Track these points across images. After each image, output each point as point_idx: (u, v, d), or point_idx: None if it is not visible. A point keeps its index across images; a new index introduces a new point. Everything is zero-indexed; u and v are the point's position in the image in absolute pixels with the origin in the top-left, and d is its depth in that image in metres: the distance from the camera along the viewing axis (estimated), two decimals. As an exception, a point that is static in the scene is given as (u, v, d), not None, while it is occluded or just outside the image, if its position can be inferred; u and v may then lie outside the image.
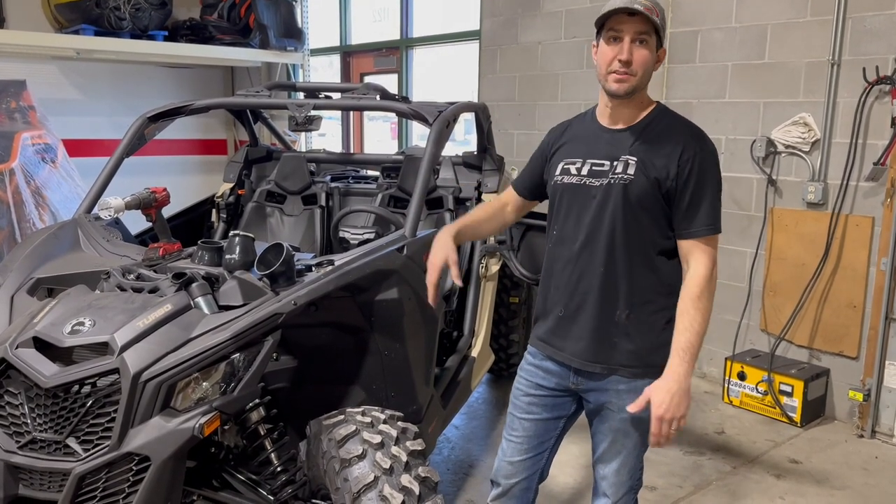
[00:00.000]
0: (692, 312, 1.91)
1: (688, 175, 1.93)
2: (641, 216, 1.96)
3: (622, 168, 1.97)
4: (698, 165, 1.93)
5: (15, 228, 5.17)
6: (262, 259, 2.22)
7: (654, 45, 1.94)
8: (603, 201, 1.98)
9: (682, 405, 1.88)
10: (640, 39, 1.91)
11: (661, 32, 1.94)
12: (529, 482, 2.22)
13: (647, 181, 1.94)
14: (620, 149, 2.00)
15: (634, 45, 1.91)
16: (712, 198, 1.96)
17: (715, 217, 1.96)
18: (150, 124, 3.37)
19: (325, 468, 2.09)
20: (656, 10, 1.91)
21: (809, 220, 4.21)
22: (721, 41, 4.52)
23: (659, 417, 1.86)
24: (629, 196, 1.95)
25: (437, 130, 3.05)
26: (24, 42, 6.20)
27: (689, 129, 2.00)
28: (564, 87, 5.40)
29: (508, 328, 4.30)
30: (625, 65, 1.91)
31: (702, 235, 1.95)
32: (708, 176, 1.95)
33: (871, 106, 3.92)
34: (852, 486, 3.45)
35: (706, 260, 1.95)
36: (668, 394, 1.86)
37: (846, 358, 4.13)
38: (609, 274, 2.00)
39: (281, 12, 7.33)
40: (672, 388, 1.87)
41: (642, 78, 1.94)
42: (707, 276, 1.94)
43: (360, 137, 7.76)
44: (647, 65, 1.93)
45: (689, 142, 1.95)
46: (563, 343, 2.09)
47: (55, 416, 1.98)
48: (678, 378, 1.87)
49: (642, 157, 1.96)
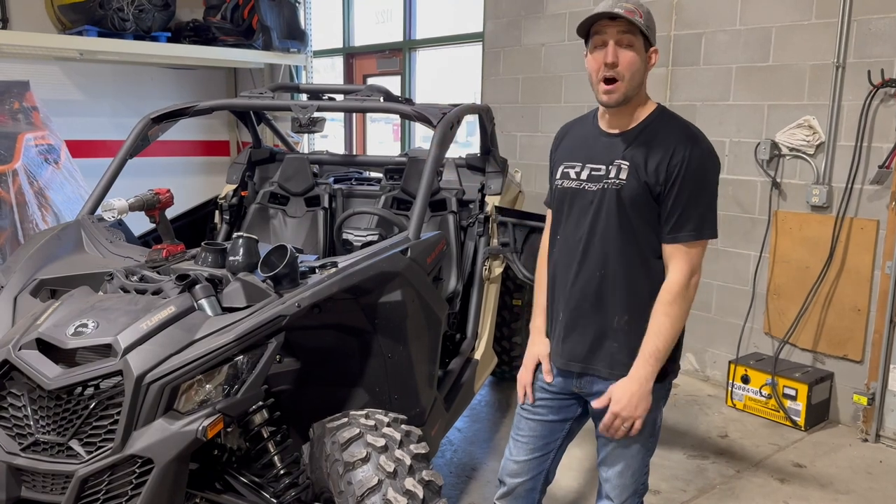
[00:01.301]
0: (661, 318, 1.94)
1: (675, 178, 1.90)
2: (635, 220, 1.95)
3: (615, 173, 1.96)
4: (687, 168, 1.90)
5: (18, 229, 5.17)
6: (266, 261, 2.22)
7: (642, 46, 1.92)
8: (598, 206, 1.98)
9: (640, 407, 1.95)
10: (625, 42, 1.90)
11: (649, 34, 1.92)
12: (535, 482, 2.22)
13: (638, 185, 1.93)
14: (615, 153, 1.99)
15: (619, 48, 1.90)
16: (700, 202, 1.92)
17: (700, 223, 1.92)
18: (154, 125, 3.37)
19: (328, 471, 2.08)
20: (639, 12, 1.89)
21: (814, 224, 4.19)
22: (725, 43, 4.51)
23: (614, 413, 1.96)
24: (622, 200, 1.95)
25: (441, 132, 3.05)
26: (28, 43, 6.21)
27: (684, 130, 1.96)
28: (568, 89, 5.39)
29: (511, 330, 4.30)
30: (610, 67, 1.89)
31: (683, 241, 1.93)
32: (697, 179, 1.91)
33: (876, 109, 3.91)
34: (856, 491, 3.44)
35: (684, 266, 1.94)
36: (628, 393, 1.94)
37: (850, 361, 4.11)
38: (606, 278, 2.00)
39: (284, 14, 7.34)
40: (633, 388, 1.94)
41: (630, 82, 1.92)
42: (682, 284, 1.93)
43: (363, 139, 7.76)
44: (633, 67, 1.91)
45: (680, 144, 1.92)
46: (565, 348, 2.09)
47: (58, 418, 1.97)
48: (640, 380, 1.94)
49: (635, 161, 1.95)
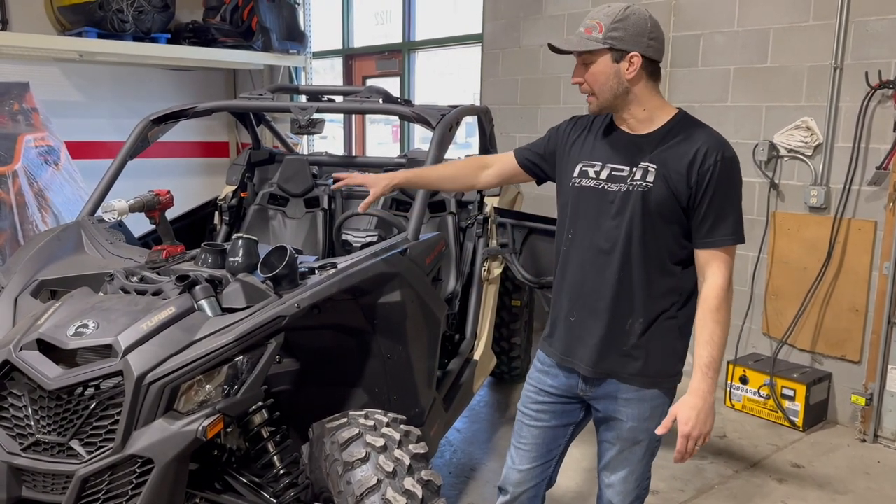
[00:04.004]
0: (711, 326, 1.90)
1: (708, 183, 1.87)
2: (659, 224, 1.92)
3: (641, 175, 1.93)
4: (720, 173, 1.87)
5: (18, 230, 5.17)
6: (266, 262, 2.23)
7: (609, 58, 1.90)
8: (621, 207, 1.94)
9: (708, 422, 1.89)
10: (586, 61, 1.94)
11: (617, 44, 1.88)
12: (538, 489, 2.21)
13: (666, 189, 1.90)
14: (640, 155, 1.95)
15: (582, 65, 1.95)
16: (733, 207, 1.91)
17: (736, 227, 1.92)
18: (154, 127, 3.38)
19: (327, 471, 2.09)
20: (600, 25, 1.89)
21: (812, 224, 4.20)
22: (723, 45, 4.52)
23: (685, 435, 1.87)
24: (648, 204, 1.91)
25: (440, 134, 3.06)
26: (28, 44, 6.21)
27: (711, 136, 1.93)
28: (567, 91, 5.39)
29: (510, 331, 4.31)
30: (579, 86, 1.98)
31: (721, 245, 1.91)
32: (729, 184, 1.90)
33: (874, 110, 3.92)
34: (855, 491, 3.44)
35: (724, 270, 1.92)
36: (694, 410, 1.87)
37: (848, 362, 4.12)
38: (623, 281, 1.96)
39: (283, 15, 7.34)
40: (698, 404, 1.88)
41: (602, 93, 1.94)
42: (725, 287, 1.91)
43: (362, 140, 7.76)
44: (600, 79, 1.92)
45: (710, 149, 1.88)
46: (573, 349, 2.06)
47: (58, 418, 1.98)
48: (703, 395, 1.88)
49: (663, 164, 1.91)
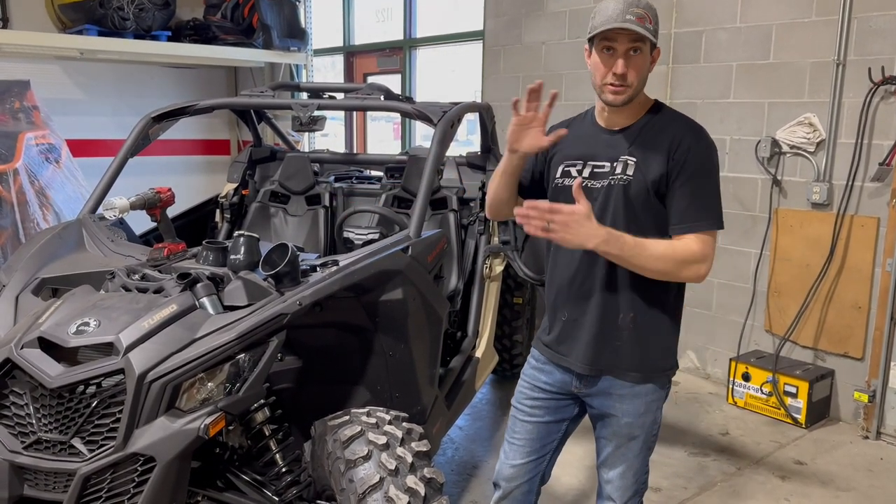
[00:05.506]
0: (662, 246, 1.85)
1: (681, 170, 1.89)
2: (642, 216, 1.94)
3: (621, 169, 1.95)
4: (692, 160, 1.89)
5: (19, 228, 5.18)
6: (267, 259, 2.22)
7: (648, 50, 1.91)
8: (604, 203, 1.96)
9: (576, 240, 1.79)
10: (634, 48, 1.88)
11: (655, 36, 1.91)
12: (531, 485, 2.21)
13: (645, 180, 1.92)
14: (620, 150, 1.97)
15: (629, 55, 1.88)
16: (707, 192, 1.91)
17: (711, 212, 1.90)
18: (155, 124, 3.37)
19: (330, 469, 2.09)
20: (648, 17, 1.87)
21: (814, 221, 4.20)
22: (726, 41, 4.51)
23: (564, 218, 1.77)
24: (629, 196, 1.93)
25: (442, 131, 3.05)
26: (28, 42, 6.21)
27: (685, 124, 1.97)
28: (568, 88, 5.39)
29: (512, 329, 4.30)
30: (620, 78, 1.89)
31: (696, 231, 1.89)
32: (703, 170, 1.91)
33: (877, 106, 3.91)
34: (857, 488, 3.44)
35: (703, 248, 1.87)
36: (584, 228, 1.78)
37: (851, 359, 4.11)
38: (611, 276, 1.97)
39: (284, 12, 7.34)
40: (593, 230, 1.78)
41: (638, 85, 1.92)
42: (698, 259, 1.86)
43: (364, 137, 7.76)
44: (642, 73, 1.92)
45: (683, 137, 1.92)
46: (567, 348, 2.07)
47: (60, 416, 1.98)
48: (603, 232, 1.80)
49: (641, 156, 1.93)
